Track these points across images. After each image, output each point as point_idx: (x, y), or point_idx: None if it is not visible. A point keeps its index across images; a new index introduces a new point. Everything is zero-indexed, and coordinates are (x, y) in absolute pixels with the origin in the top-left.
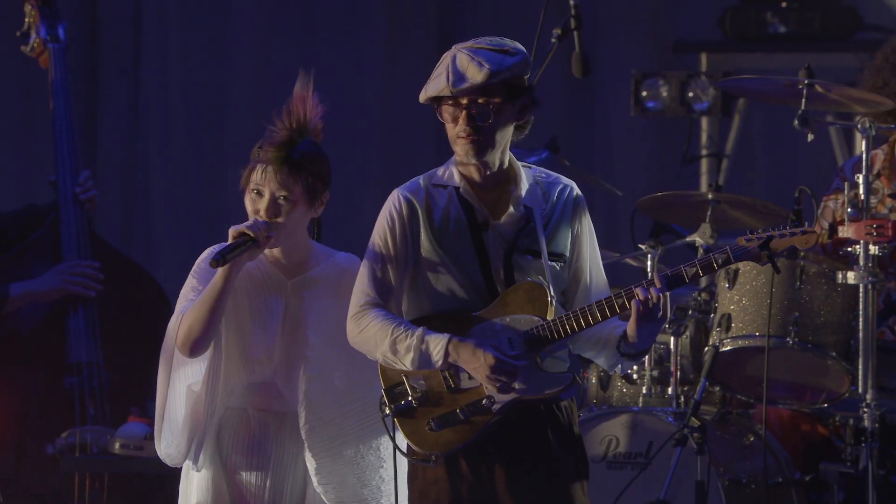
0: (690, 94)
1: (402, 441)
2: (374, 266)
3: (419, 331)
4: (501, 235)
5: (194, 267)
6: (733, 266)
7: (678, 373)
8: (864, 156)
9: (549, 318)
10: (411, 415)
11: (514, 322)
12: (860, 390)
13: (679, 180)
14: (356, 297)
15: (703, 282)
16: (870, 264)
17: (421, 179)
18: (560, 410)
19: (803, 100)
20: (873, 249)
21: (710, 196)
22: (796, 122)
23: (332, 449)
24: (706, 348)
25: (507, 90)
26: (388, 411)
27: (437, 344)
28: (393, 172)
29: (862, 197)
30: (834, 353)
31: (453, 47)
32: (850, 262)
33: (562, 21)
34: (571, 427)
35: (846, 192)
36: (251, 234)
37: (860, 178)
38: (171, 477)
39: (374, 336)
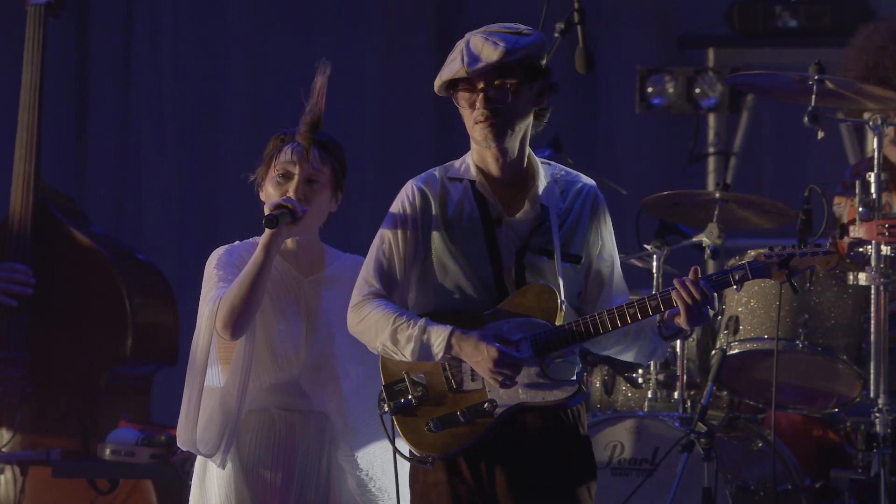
0: (697, 91)
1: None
2: (381, 256)
3: (422, 321)
4: (515, 233)
5: (212, 263)
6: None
7: (684, 377)
8: (876, 154)
9: (557, 323)
10: (411, 413)
11: (521, 325)
12: (872, 395)
13: (685, 179)
14: (359, 286)
15: None
16: (882, 265)
17: (436, 171)
18: (567, 416)
19: (813, 96)
20: (885, 250)
21: (717, 195)
22: (806, 119)
23: (369, 451)
24: (713, 351)
25: (524, 71)
26: (386, 409)
27: (438, 335)
28: (391, 171)
29: (874, 196)
30: (845, 357)
31: (466, 34)
32: (860, 263)
33: (565, 15)
34: (578, 430)
35: (857, 191)
36: (289, 206)
37: (872, 177)
38: (161, 483)
39: (374, 325)
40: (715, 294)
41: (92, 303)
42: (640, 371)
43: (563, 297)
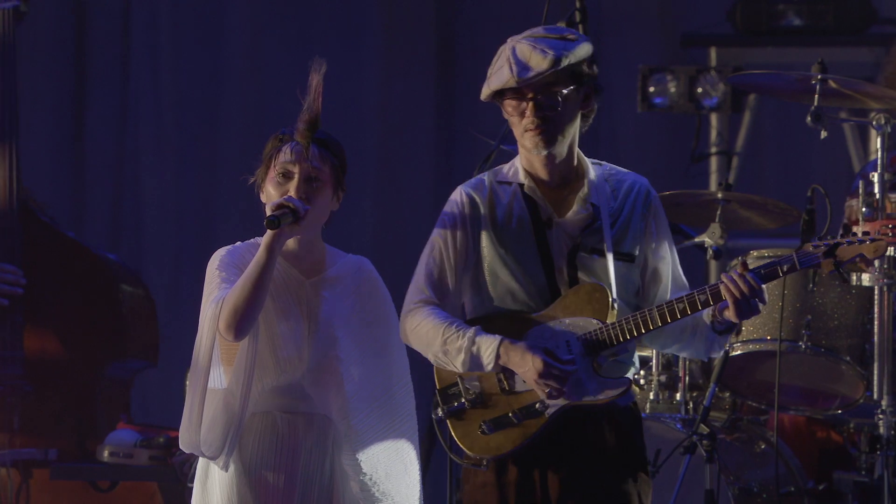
0: (699, 90)
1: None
2: (431, 264)
3: (471, 332)
4: (566, 233)
5: (215, 264)
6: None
7: (687, 378)
8: (879, 153)
9: (609, 321)
10: (464, 417)
11: (573, 325)
12: (875, 396)
13: (687, 179)
14: (411, 294)
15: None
16: (885, 265)
17: (486, 176)
18: (620, 415)
19: (816, 96)
20: (889, 250)
21: (719, 195)
22: (809, 118)
23: (373, 454)
24: None
25: (572, 77)
26: (440, 413)
27: (488, 346)
28: (391, 171)
29: (877, 196)
30: (848, 358)
31: (508, 40)
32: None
33: (566, 14)
34: (631, 434)
35: (860, 190)
36: (291, 206)
37: (875, 177)
38: (159, 484)
39: (426, 335)
40: (763, 286)
41: (84, 302)
42: (642, 372)
43: (615, 296)
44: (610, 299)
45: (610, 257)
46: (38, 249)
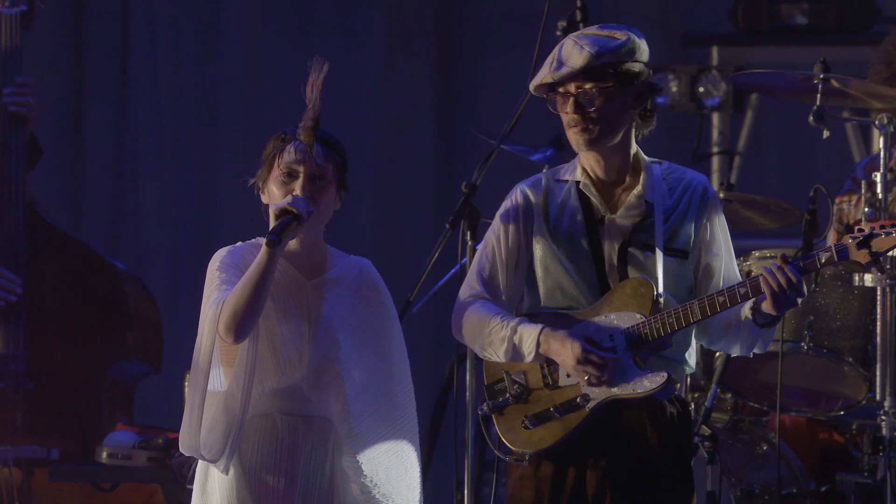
0: (701, 90)
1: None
2: (484, 260)
3: (514, 321)
4: (618, 230)
5: (215, 265)
6: (745, 269)
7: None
8: (882, 153)
9: (651, 315)
10: (507, 412)
11: (617, 319)
12: (878, 397)
13: None
14: (462, 290)
15: None
16: (888, 266)
17: (544, 174)
18: (662, 410)
19: (818, 95)
20: (892, 251)
21: (721, 195)
22: (811, 118)
23: (373, 456)
24: (717, 353)
25: (616, 74)
26: (486, 408)
27: (529, 335)
28: (391, 171)
29: (880, 196)
30: (850, 359)
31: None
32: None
33: (567, 13)
34: (674, 429)
35: (862, 191)
36: (295, 211)
37: (878, 177)
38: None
39: (473, 327)
40: (801, 279)
41: (87, 302)
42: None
43: (660, 290)
44: (654, 293)
45: (660, 253)
46: (42, 250)
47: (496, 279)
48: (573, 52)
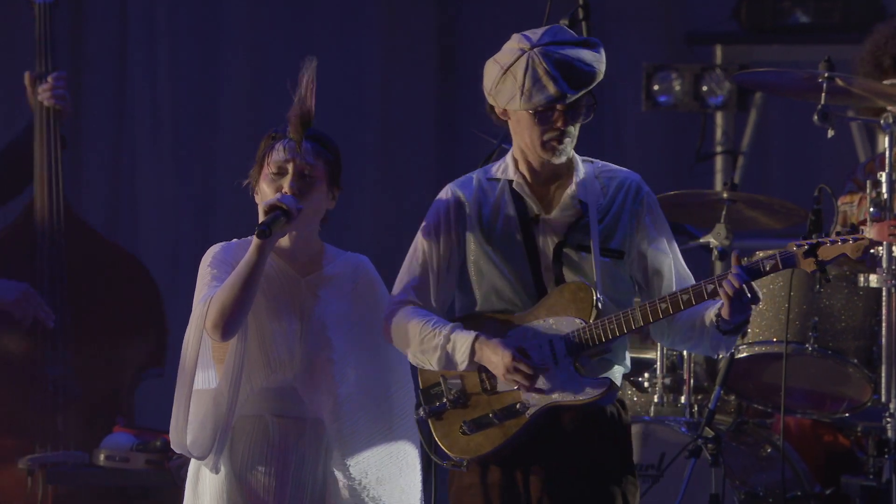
0: (704, 88)
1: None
2: (415, 264)
3: (447, 329)
4: (552, 230)
5: (207, 261)
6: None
7: (691, 381)
8: (888, 153)
9: (592, 320)
10: (445, 417)
11: (556, 324)
12: (883, 399)
13: (692, 178)
14: (393, 295)
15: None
16: (893, 266)
17: (475, 174)
18: (603, 416)
19: (823, 94)
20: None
21: (725, 195)
22: (816, 117)
23: (362, 458)
24: (721, 355)
25: (596, 89)
26: (422, 413)
27: (463, 343)
28: (391, 171)
29: (885, 196)
30: (855, 360)
31: (528, 46)
32: (871, 264)
33: (569, 11)
34: (615, 434)
35: (868, 190)
36: (284, 206)
37: (883, 177)
38: (156, 489)
39: (405, 335)
40: (745, 285)
41: (127, 306)
42: (646, 375)
43: (599, 294)
44: (594, 298)
45: (596, 254)
46: (80, 251)
47: (427, 283)
48: (574, 69)
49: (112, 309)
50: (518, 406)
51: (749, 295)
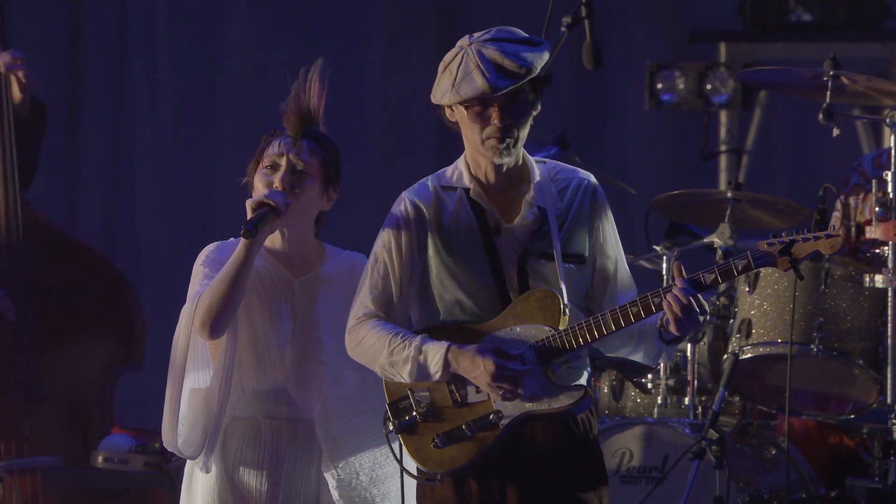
0: (708, 87)
1: (408, 459)
2: (376, 276)
3: (417, 340)
4: (514, 239)
5: (201, 259)
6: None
7: (695, 382)
8: (892, 152)
9: (561, 327)
10: (416, 431)
11: (524, 332)
12: (889, 400)
13: (696, 178)
14: (355, 308)
15: (723, 285)
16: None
17: (430, 181)
18: (577, 424)
19: (828, 92)
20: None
21: (729, 194)
22: (821, 115)
23: (352, 460)
24: (725, 356)
25: (537, 84)
26: (391, 427)
27: (435, 354)
28: (391, 171)
29: (891, 196)
30: (861, 361)
31: (465, 43)
32: (877, 264)
33: (572, 9)
34: (588, 438)
35: (874, 189)
36: (271, 203)
37: (889, 176)
38: (154, 491)
39: (371, 348)
40: (697, 297)
41: (91, 305)
42: (650, 376)
43: (566, 301)
44: (561, 305)
45: (559, 261)
46: (46, 255)
47: (389, 295)
48: (507, 62)
49: (72, 306)
50: (492, 417)
51: (697, 309)
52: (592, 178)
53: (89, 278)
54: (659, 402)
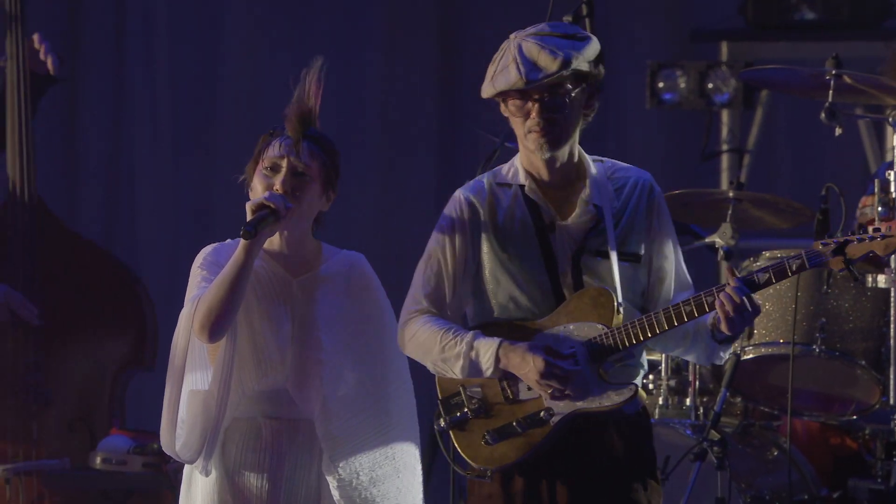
0: (710, 86)
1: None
2: (429, 273)
3: (469, 336)
4: (570, 237)
5: (198, 262)
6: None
7: (697, 382)
8: (895, 151)
9: (614, 325)
10: (467, 427)
11: (577, 330)
12: (891, 401)
13: (698, 177)
14: (407, 304)
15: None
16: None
17: (485, 178)
18: (627, 422)
19: (830, 91)
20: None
21: (731, 194)
22: (823, 115)
23: (352, 460)
24: (727, 357)
25: (579, 78)
26: (443, 423)
27: (487, 350)
28: (391, 170)
29: (893, 195)
30: (863, 362)
31: (512, 37)
32: (880, 264)
33: (573, 8)
34: (641, 443)
35: (876, 189)
36: (271, 205)
37: (892, 175)
38: (153, 492)
39: (423, 343)
40: (751, 296)
41: (102, 305)
42: (651, 377)
43: (620, 299)
44: (615, 303)
45: (614, 259)
46: (57, 253)
47: (442, 292)
48: (543, 55)
49: (83, 308)
50: (542, 414)
51: (749, 309)
52: (649, 177)
53: (102, 278)
54: (660, 402)
